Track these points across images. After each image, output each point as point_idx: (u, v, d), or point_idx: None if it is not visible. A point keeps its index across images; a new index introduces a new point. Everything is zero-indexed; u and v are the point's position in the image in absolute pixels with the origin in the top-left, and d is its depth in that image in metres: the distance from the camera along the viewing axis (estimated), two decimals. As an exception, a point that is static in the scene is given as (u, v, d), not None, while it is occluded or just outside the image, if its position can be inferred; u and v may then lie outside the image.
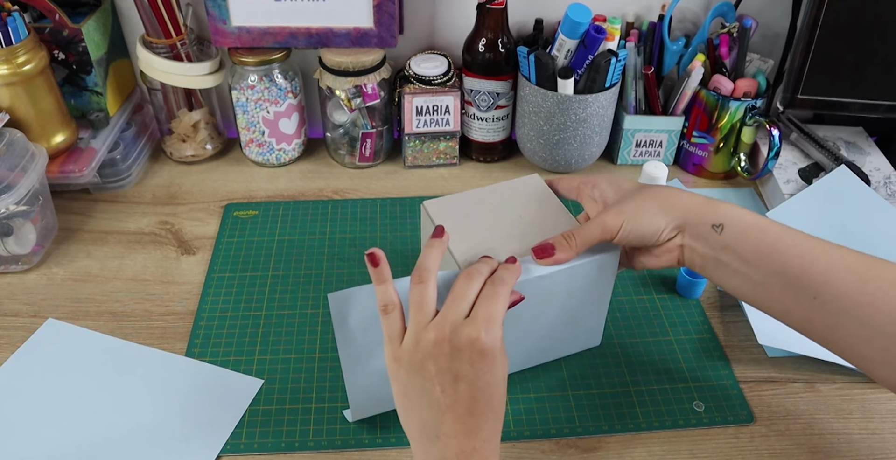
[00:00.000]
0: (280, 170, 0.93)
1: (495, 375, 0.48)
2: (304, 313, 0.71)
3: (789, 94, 0.85)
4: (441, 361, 0.47)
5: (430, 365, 0.48)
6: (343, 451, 0.59)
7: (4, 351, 0.67)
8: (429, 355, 0.48)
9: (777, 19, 0.89)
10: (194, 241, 0.81)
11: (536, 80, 0.84)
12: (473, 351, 0.47)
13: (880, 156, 0.88)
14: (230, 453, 0.59)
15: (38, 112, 0.79)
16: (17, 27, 0.74)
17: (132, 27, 0.90)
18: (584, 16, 0.79)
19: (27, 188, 0.72)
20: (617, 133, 0.92)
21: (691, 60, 0.86)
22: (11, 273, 0.76)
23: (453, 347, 0.47)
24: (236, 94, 0.87)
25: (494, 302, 0.49)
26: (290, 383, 0.64)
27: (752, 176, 0.88)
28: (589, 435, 0.61)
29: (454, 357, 0.47)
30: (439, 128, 0.90)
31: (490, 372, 0.47)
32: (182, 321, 0.71)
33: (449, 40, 0.92)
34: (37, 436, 0.60)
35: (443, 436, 0.46)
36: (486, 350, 0.47)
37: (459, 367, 0.47)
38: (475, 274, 0.51)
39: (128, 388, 0.64)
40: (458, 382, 0.47)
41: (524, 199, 0.63)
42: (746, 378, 0.66)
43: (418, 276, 0.50)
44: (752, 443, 0.60)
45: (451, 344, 0.47)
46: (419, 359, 0.48)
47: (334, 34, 0.84)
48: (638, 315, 0.72)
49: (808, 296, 0.50)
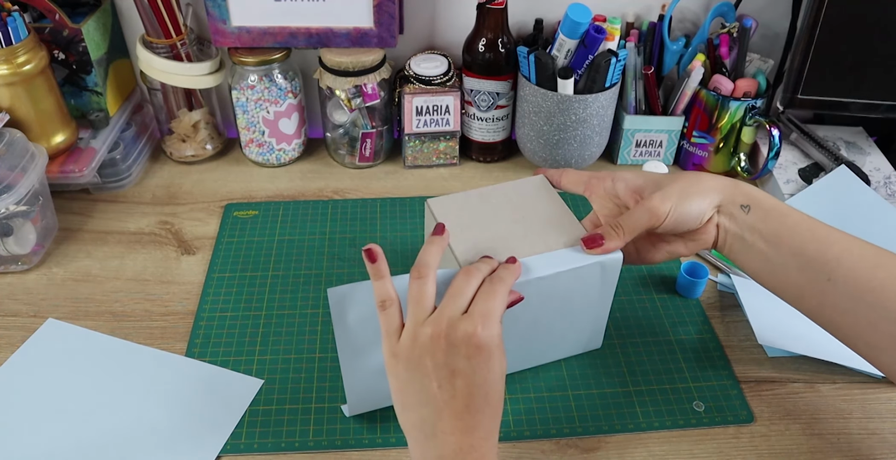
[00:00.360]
0: (280, 170, 0.93)
1: (492, 371, 0.48)
2: (304, 313, 0.71)
3: (789, 94, 0.85)
4: (438, 356, 0.47)
5: (427, 360, 0.48)
6: (343, 451, 0.59)
7: (4, 351, 0.67)
8: (426, 350, 0.48)
9: (777, 19, 0.89)
10: (194, 241, 0.81)
11: (536, 80, 0.84)
12: (470, 347, 0.47)
13: (880, 156, 0.88)
14: (230, 453, 0.59)
15: (38, 112, 0.79)
16: (17, 27, 0.74)
17: (132, 27, 0.90)
18: (584, 16, 0.79)
19: (27, 188, 0.72)
20: (617, 133, 0.92)
21: (691, 60, 0.86)
22: (11, 273, 0.76)
23: (450, 343, 0.48)
24: (236, 94, 0.87)
25: (492, 298, 0.50)
26: (290, 383, 0.64)
27: (752, 176, 0.88)
28: (589, 435, 0.61)
29: (450, 352, 0.47)
30: (439, 129, 0.90)
31: (487, 367, 0.47)
32: (182, 321, 0.71)
33: (449, 40, 0.92)
34: (37, 436, 0.60)
35: (440, 433, 0.47)
36: (483, 345, 0.47)
37: (456, 363, 0.47)
38: (474, 271, 0.52)
39: (128, 388, 0.64)
40: (454, 378, 0.47)
41: (528, 200, 0.63)
42: (746, 378, 0.66)
43: (417, 272, 0.51)
44: (752, 443, 0.60)
45: (448, 339, 0.48)
46: (416, 355, 0.48)
47: (334, 34, 0.84)
48: (638, 315, 0.72)
49: (822, 278, 0.52)
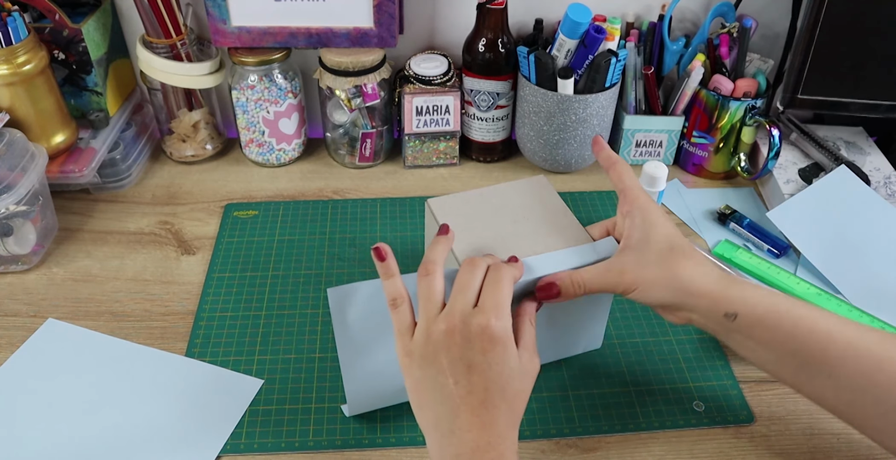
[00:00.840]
0: (280, 170, 0.93)
1: (507, 365, 0.48)
2: (304, 313, 0.71)
3: (789, 94, 0.85)
4: (453, 352, 0.47)
5: (442, 356, 0.48)
6: (343, 451, 0.59)
7: (4, 351, 0.67)
8: (441, 346, 0.48)
9: (777, 19, 0.89)
10: (194, 241, 0.81)
11: (536, 80, 0.84)
12: (484, 339, 0.47)
13: (880, 156, 0.88)
14: (230, 453, 0.59)
15: (38, 112, 0.79)
16: (17, 27, 0.74)
17: (132, 27, 0.90)
18: (584, 16, 0.79)
19: (27, 188, 0.72)
20: (617, 133, 0.92)
21: (691, 60, 0.86)
22: (11, 273, 0.76)
23: (464, 337, 0.47)
24: (236, 94, 0.87)
25: (500, 288, 0.50)
26: (290, 383, 0.64)
27: (752, 176, 0.88)
28: (589, 435, 0.61)
29: (465, 347, 0.47)
30: (439, 129, 0.90)
31: (502, 360, 0.47)
32: (182, 321, 0.71)
33: (449, 40, 0.92)
34: (37, 436, 0.60)
35: (457, 431, 0.46)
36: (497, 336, 0.47)
37: (472, 357, 0.47)
38: (477, 261, 0.52)
39: (128, 388, 0.64)
40: (470, 373, 0.47)
41: (529, 200, 0.63)
42: (746, 378, 0.66)
43: (425, 269, 0.51)
44: (752, 443, 0.60)
45: (462, 334, 0.48)
46: (431, 351, 0.48)
47: (334, 34, 0.84)
48: (638, 315, 0.72)
49: (822, 375, 0.50)
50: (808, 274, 0.76)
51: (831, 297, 0.73)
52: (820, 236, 0.77)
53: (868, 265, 0.75)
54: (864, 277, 0.74)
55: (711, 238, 0.82)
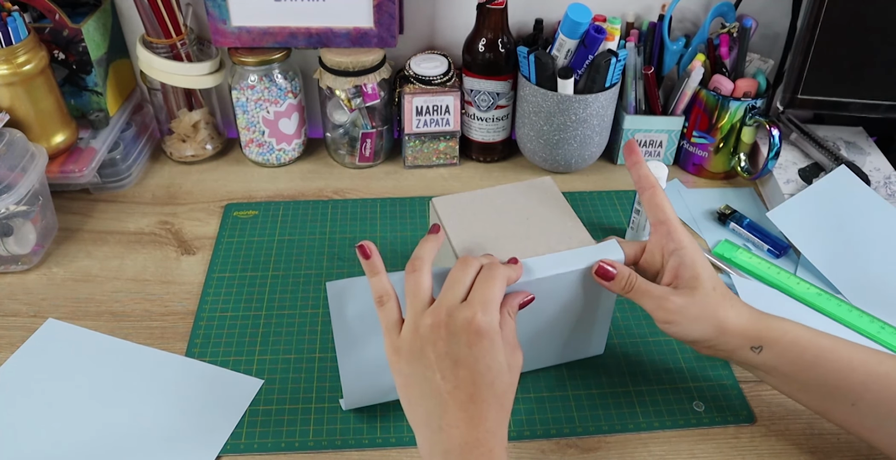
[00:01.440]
0: (280, 170, 0.93)
1: (495, 359, 0.47)
2: (304, 313, 0.71)
3: (789, 94, 0.85)
4: (440, 346, 0.47)
5: (429, 351, 0.48)
6: (343, 451, 0.59)
7: (4, 351, 0.67)
8: (427, 341, 0.48)
9: (777, 19, 0.89)
10: (194, 241, 0.81)
11: (536, 80, 0.84)
12: (470, 333, 0.47)
13: (880, 156, 0.88)
14: (230, 453, 0.59)
15: (38, 112, 0.79)
16: (17, 27, 0.74)
17: (132, 27, 0.90)
18: (584, 16, 0.79)
19: (27, 188, 0.72)
20: (617, 133, 0.92)
21: (691, 60, 0.86)
22: (11, 273, 0.76)
23: (450, 331, 0.47)
24: (236, 94, 0.87)
25: (490, 285, 0.49)
26: (290, 383, 0.64)
27: (752, 176, 0.88)
28: (589, 435, 0.61)
29: (451, 341, 0.47)
30: (439, 129, 0.90)
31: (489, 354, 0.47)
32: (182, 321, 0.71)
33: (449, 40, 0.92)
34: (37, 436, 0.60)
35: (446, 427, 0.46)
36: (483, 330, 0.47)
37: (458, 351, 0.47)
38: (471, 260, 0.52)
39: (128, 388, 0.64)
40: (457, 367, 0.47)
41: (533, 202, 0.62)
42: (746, 378, 0.66)
43: (412, 266, 0.51)
44: (752, 443, 0.60)
45: (448, 328, 0.47)
46: (418, 347, 0.48)
47: (334, 34, 0.84)
48: (638, 315, 0.72)
49: (846, 403, 0.52)
50: (808, 274, 0.76)
51: (831, 297, 0.73)
52: (820, 236, 0.77)
53: (868, 265, 0.75)
54: (864, 277, 0.74)
55: (711, 238, 0.82)
